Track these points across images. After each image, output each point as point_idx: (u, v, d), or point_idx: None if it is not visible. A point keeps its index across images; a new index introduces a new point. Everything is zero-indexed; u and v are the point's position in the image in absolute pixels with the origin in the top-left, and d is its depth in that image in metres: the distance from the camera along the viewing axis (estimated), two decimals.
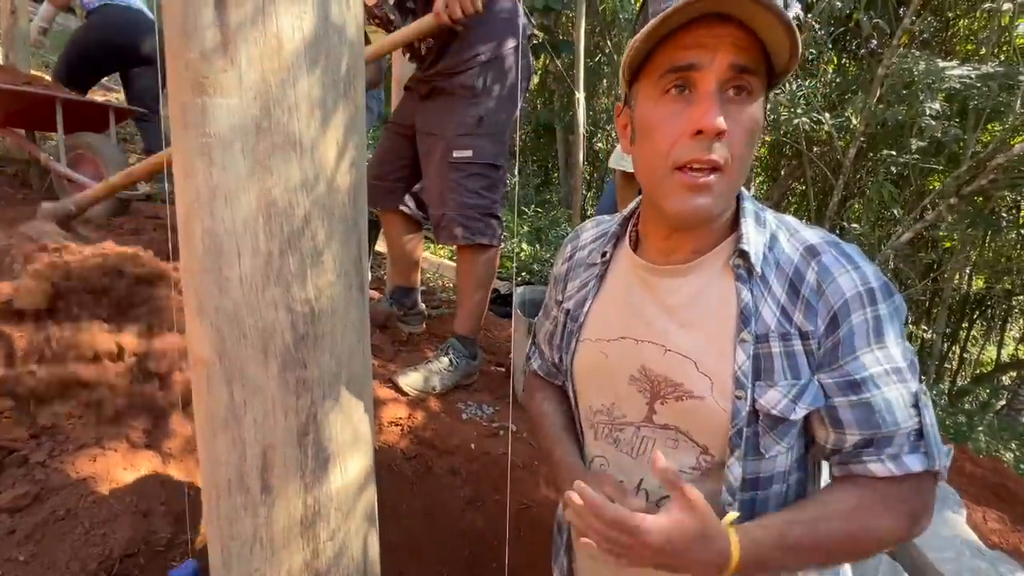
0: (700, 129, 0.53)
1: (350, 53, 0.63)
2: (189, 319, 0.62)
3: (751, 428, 0.59)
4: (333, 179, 0.63)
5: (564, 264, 0.78)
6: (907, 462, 0.56)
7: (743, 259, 0.60)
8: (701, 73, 0.54)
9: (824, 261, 0.58)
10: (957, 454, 2.02)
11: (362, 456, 0.72)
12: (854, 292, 0.56)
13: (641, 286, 0.67)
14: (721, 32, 0.53)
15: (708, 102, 0.53)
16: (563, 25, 6.72)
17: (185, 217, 0.59)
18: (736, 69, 0.53)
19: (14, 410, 1.07)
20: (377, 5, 1.69)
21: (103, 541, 0.90)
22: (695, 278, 0.63)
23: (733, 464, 0.60)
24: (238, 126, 0.56)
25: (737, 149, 0.55)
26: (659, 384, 0.63)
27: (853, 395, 0.57)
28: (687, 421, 0.62)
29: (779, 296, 0.59)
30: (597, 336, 0.69)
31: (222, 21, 0.55)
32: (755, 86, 0.55)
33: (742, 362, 0.58)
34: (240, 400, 0.61)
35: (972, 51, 5.96)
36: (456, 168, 1.61)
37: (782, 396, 0.58)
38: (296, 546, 0.66)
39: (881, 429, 0.57)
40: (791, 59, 0.54)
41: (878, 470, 0.57)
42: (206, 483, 0.67)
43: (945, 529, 1.21)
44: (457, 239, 1.63)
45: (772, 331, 0.59)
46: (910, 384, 0.57)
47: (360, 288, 0.69)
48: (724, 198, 0.58)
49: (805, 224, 0.64)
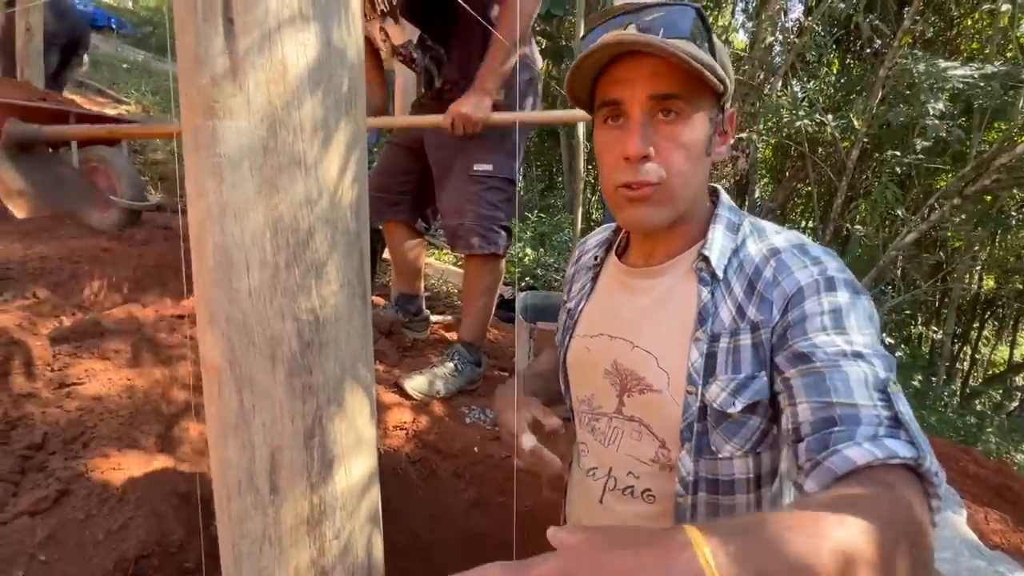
0: (626, 156, 0.60)
1: (350, 75, 0.67)
2: (201, 329, 0.66)
3: (701, 424, 0.62)
4: (336, 194, 0.66)
5: (572, 269, 0.87)
6: (889, 445, 0.45)
7: (705, 263, 0.64)
8: (627, 105, 0.60)
9: (783, 258, 0.60)
10: (960, 455, 2.02)
11: (366, 458, 0.75)
12: (810, 280, 0.57)
13: (620, 287, 0.73)
14: (637, 66, 0.58)
15: (630, 132, 0.59)
16: (565, 30, 6.78)
17: (197, 233, 0.63)
18: (657, 98, 0.59)
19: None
20: (403, 45, 1.76)
21: (119, 543, 0.94)
22: (664, 280, 0.68)
23: (684, 457, 0.63)
24: (246, 147, 0.60)
25: (673, 164, 0.60)
26: (627, 378, 0.68)
27: (802, 364, 0.54)
28: (648, 414, 0.67)
29: (737, 296, 0.62)
30: (584, 332, 0.76)
31: (231, 49, 0.58)
32: (682, 107, 0.59)
33: (695, 359, 0.62)
34: (249, 405, 0.65)
35: (977, 49, 5.94)
36: (476, 181, 1.67)
37: (720, 390, 0.60)
38: (303, 544, 0.69)
39: (833, 398, 0.49)
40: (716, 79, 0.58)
41: (857, 455, 0.45)
42: (217, 484, 0.70)
43: (945, 529, 1.22)
44: (474, 248, 1.69)
45: (725, 329, 0.62)
46: (877, 370, 0.51)
47: (362, 297, 0.72)
48: (666, 208, 0.62)
49: (781, 229, 0.66)
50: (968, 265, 6.11)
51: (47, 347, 1.24)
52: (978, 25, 6.05)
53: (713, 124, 0.63)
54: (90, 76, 5.23)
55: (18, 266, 1.87)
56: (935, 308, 7.67)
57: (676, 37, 0.57)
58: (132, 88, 5.30)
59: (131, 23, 8.16)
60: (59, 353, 1.24)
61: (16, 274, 1.81)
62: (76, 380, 1.20)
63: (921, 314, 7.60)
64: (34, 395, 1.15)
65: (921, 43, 5.75)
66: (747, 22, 8.04)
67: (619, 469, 0.70)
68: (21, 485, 1.01)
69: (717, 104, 0.63)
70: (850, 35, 5.79)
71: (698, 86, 0.59)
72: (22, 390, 1.14)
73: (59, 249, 2.07)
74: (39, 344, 1.23)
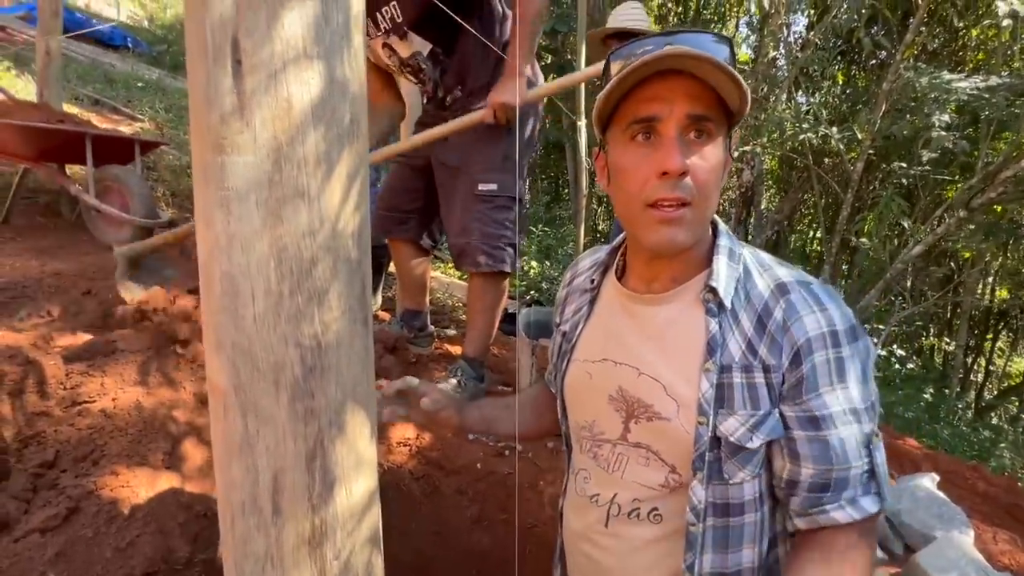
0: (665, 171, 0.59)
1: (352, 107, 0.70)
2: (208, 354, 0.68)
3: (713, 453, 0.63)
4: (337, 224, 0.69)
5: (564, 290, 0.86)
6: (864, 504, 0.61)
7: (712, 294, 0.65)
8: (663, 123, 0.60)
9: (792, 299, 0.62)
10: (970, 473, 1.99)
11: (366, 479, 0.77)
12: (817, 332, 0.60)
13: (622, 312, 0.72)
14: (676, 85, 0.59)
15: (670, 147, 0.59)
16: (569, 46, 6.86)
17: (206, 262, 0.66)
18: (692, 118, 0.59)
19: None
20: (411, 56, 1.79)
21: (127, 560, 0.95)
22: (669, 308, 0.68)
23: (696, 486, 0.63)
24: (253, 181, 0.63)
25: (702, 184, 0.61)
26: (633, 404, 0.68)
27: (813, 430, 0.60)
28: (657, 441, 0.67)
29: (747, 330, 0.63)
30: (584, 357, 0.75)
31: (239, 88, 0.61)
32: (712, 129, 0.61)
33: (705, 390, 0.62)
34: (254, 429, 0.67)
35: (983, 60, 5.93)
36: (483, 200, 1.69)
37: (740, 425, 0.61)
38: (305, 565, 0.71)
39: (833, 465, 0.60)
40: (742, 103, 0.60)
41: (841, 517, 0.61)
42: (222, 505, 0.72)
43: (950, 549, 1.20)
44: (480, 266, 1.70)
45: (736, 362, 0.62)
46: (864, 426, 0.61)
47: (364, 322, 0.74)
48: (695, 228, 0.63)
49: (779, 261, 0.68)
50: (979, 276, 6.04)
51: (60, 365, 1.27)
52: (983, 36, 6.05)
53: (727, 147, 0.65)
54: (106, 94, 5.37)
55: (34, 283, 1.92)
56: (946, 319, 7.57)
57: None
58: (146, 105, 5.43)
59: (147, 42, 8.37)
60: (71, 372, 1.27)
61: (32, 292, 1.86)
62: (88, 398, 1.23)
63: (932, 326, 7.51)
64: (47, 413, 1.18)
65: (926, 55, 5.76)
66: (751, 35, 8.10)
67: (624, 495, 0.70)
68: (33, 502, 1.03)
69: (729, 129, 0.65)
70: (854, 48, 5.81)
71: (723, 110, 0.61)
72: (35, 408, 1.17)
73: (73, 266, 2.13)
74: (52, 363, 1.26)
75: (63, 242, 2.58)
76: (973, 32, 6.10)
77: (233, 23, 0.59)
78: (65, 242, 2.59)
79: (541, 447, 1.72)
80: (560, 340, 0.82)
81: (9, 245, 2.40)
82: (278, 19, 0.60)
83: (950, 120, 4.00)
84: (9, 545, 0.92)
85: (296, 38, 0.61)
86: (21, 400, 1.16)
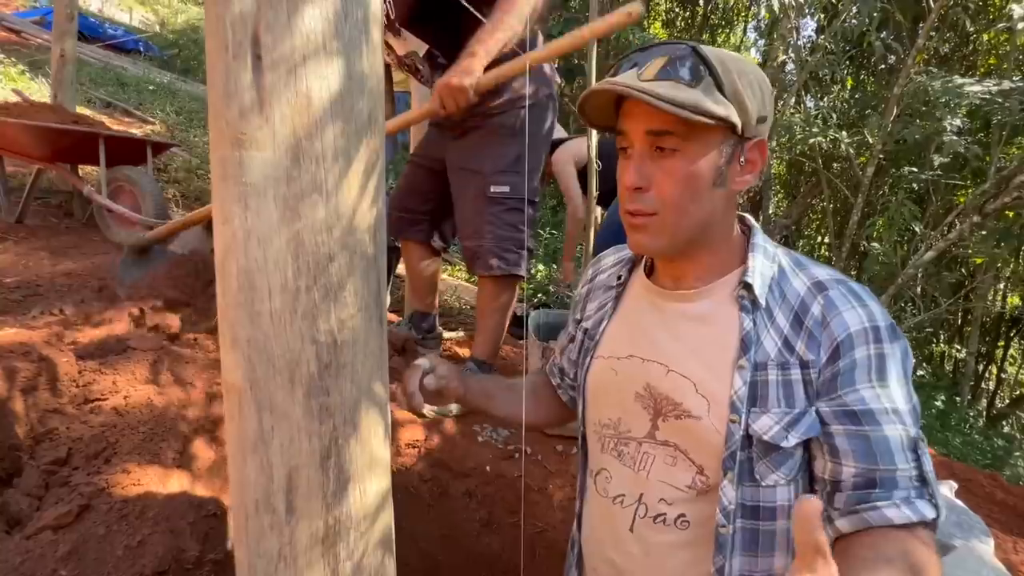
0: (626, 187, 0.64)
1: (370, 102, 0.69)
2: (223, 350, 0.67)
3: (745, 453, 0.61)
4: (354, 219, 0.68)
5: (585, 286, 0.85)
6: (921, 508, 0.55)
7: (747, 290, 0.64)
8: (630, 139, 0.64)
9: (831, 295, 0.61)
10: (987, 482, 1.96)
11: (380, 478, 0.76)
12: (859, 327, 0.59)
13: (651, 308, 0.72)
14: (636, 103, 0.62)
15: (630, 163, 0.64)
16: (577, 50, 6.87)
17: (222, 258, 0.65)
18: (652, 134, 0.62)
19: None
20: (408, 55, 1.78)
21: (137, 559, 0.95)
22: (701, 304, 0.67)
23: (726, 486, 0.62)
24: (271, 176, 0.62)
25: (667, 197, 0.63)
26: (661, 402, 0.67)
27: (851, 425, 0.58)
28: (685, 440, 0.66)
29: (782, 327, 0.62)
30: (609, 353, 0.74)
31: (259, 83, 0.61)
32: (676, 143, 0.62)
33: (738, 387, 0.61)
34: (268, 426, 0.66)
35: (995, 64, 5.88)
36: (495, 202, 1.67)
37: (774, 423, 0.60)
38: (317, 565, 0.70)
39: (879, 465, 0.57)
40: (718, 119, 0.60)
41: (895, 515, 0.55)
42: (235, 504, 0.71)
43: (971, 559, 1.18)
44: (492, 269, 1.68)
45: (772, 360, 0.61)
46: (909, 428, 0.58)
47: (379, 320, 0.74)
48: (664, 236, 0.65)
49: (814, 261, 0.68)
50: (991, 283, 5.98)
51: (73, 363, 1.28)
52: (995, 40, 6.01)
53: (727, 155, 0.63)
54: (118, 97, 5.43)
55: (47, 282, 1.94)
56: (957, 326, 7.49)
57: (669, 79, 0.60)
58: (158, 108, 5.49)
59: (158, 46, 8.48)
60: (84, 369, 1.28)
61: (44, 290, 1.87)
62: (100, 396, 1.23)
63: (943, 332, 7.42)
64: (60, 410, 1.18)
65: (936, 59, 5.72)
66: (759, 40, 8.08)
67: (650, 496, 0.68)
68: (45, 499, 1.03)
69: (734, 136, 0.63)
70: (864, 52, 5.78)
71: (695, 122, 0.61)
72: (48, 405, 1.18)
73: (86, 265, 2.14)
74: (65, 360, 1.27)
75: (75, 242, 2.60)
76: (985, 36, 6.06)
77: (254, 18, 0.59)
78: (78, 242, 2.61)
79: (550, 450, 1.70)
80: (582, 337, 0.81)
81: (23, 244, 2.43)
82: (299, 13, 0.60)
83: (962, 124, 3.97)
84: (21, 542, 0.92)
85: (316, 32, 0.61)
86: (34, 397, 1.17)
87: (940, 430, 4.65)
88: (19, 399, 1.15)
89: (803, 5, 4.45)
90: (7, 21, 6.76)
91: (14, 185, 2.88)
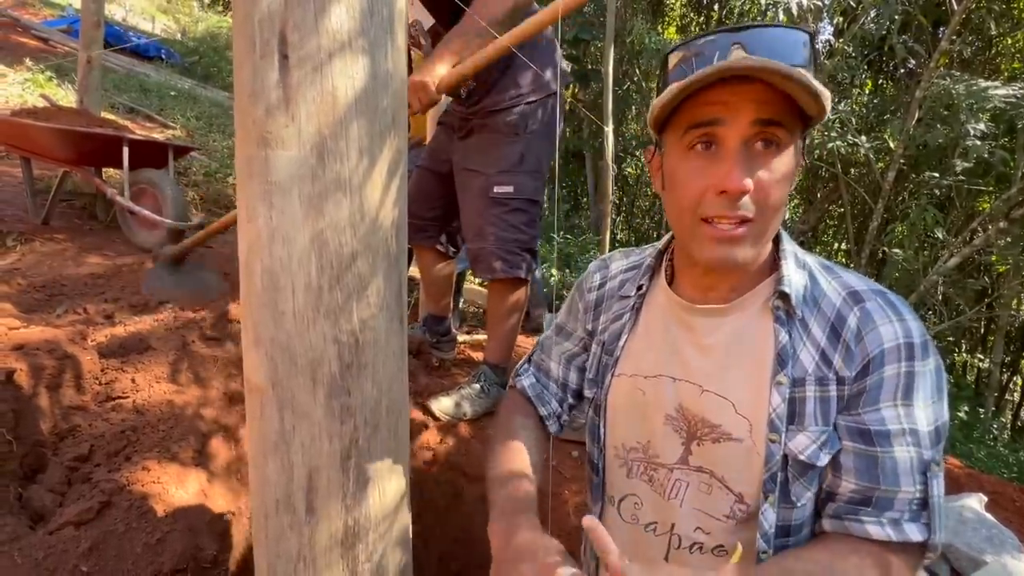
0: (724, 190, 0.55)
1: (393, 101, 0.69)
2: (246, 350, 0.67)
3: (783, 474, 0.58)
4: (377, 218, 0.68)
5: (594, 293, 0.78)
6: (907, 530, 0.54)
7: (783, 300, 0.60)
8: (724, 129, 0.55)
9: (868, 307, 0.58)
10: (1018, 495, 1.89)
11: (399, 480, 0.76)
12: (893, 344, 0.56)
13: (679, 324, 0.67)
14: (743, 90, 0.53)
15: (731, 162, 0.54)
16: (591, 55, 6.88)
17: (246, 256, 0.65)
18: (760, 124, 0.54)
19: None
20: (412, 24, 1.72)
21: (156, 556, 0.95)
22: (734, 319, 0.63)
23: (767, 510, 0.59)
24: (296, 175, 0.62)
25: (768, 199, 0.55)
26: (696, 425, 0.63)
27: (861, 444, 0.56)
28: (722, 465, 0.62)
29: (819, 340, 0.59)
30: (633, 372, 0.69)
31: (285, 82, 0.61)
32: (783, 136, 0.55)
33: (777, 404, 0.58)
34: (290, 425, 0.66)
35: (1019, 69, 5.76)
36: (497, 203, 1.64)
37: (811, 442, 0.57)
38: (337, 566, 0.69)
39: (880, 485, 0.55)
40: (820, 110, 0.54)
41: (876, 532, 0.55)
42: (255, 503, 0.71)
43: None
44: (496, 272, 1.65)
45: (809, 375, 0.58)
46: (924, 451, 0.55)
47: (400, 320, 0.73)
48: (756, 245, 0.58)
49: (844, 267, 0.64)
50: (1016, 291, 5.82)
51: (96, 360, 1.29)
52: (1019, 44, 5.89)
53: (798, 154, 0.59)
54: (141, 103, 5.55)
55: (71, 282, 1.97)
56: (981, 335, 7.30)
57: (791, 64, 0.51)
58: (178, 113, 5.60)
59: (180, 53, 8.66)
60: (106, 367, 1.29)
61: (69, 290, 1.91)
62: (121, 394, 1.24)
63: (966, 341, 7.24)
64: (83, 408, 1.20)
65: (959, 63, 5.62)
66: None
67: (684, 525, 0.64)
68: (67, 496, 1.04)
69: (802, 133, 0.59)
70: (883, 56, 5.70)
71: (796, 114, 0.55)
72: (72, 403, 1.19)
73: (109, 267, 2.18)
74: (88, 358, 1.29)
75: (99, 243, 2.65)
76: (1008, 40, 5.94)
77: (281, 17, 0.59)
78: (101, 243, 2.66)
79: (565, 456, 1.68)
80: (599, 352, 0.75)
81: (48, 245, 2.48)
82: (325, 11, 0.60)
83: (985, 129, 3.88)
84: (44, 537, 0.93)
85: (342, 31, 0.61)
86: (58, 394, 1.18)
87: (963, 442, 4.52)
88: (44, 395, 1.16)
89: (821, 8, 4.40)
90: (36, 30, 6.97)
91: (41, 187, 2.95)
